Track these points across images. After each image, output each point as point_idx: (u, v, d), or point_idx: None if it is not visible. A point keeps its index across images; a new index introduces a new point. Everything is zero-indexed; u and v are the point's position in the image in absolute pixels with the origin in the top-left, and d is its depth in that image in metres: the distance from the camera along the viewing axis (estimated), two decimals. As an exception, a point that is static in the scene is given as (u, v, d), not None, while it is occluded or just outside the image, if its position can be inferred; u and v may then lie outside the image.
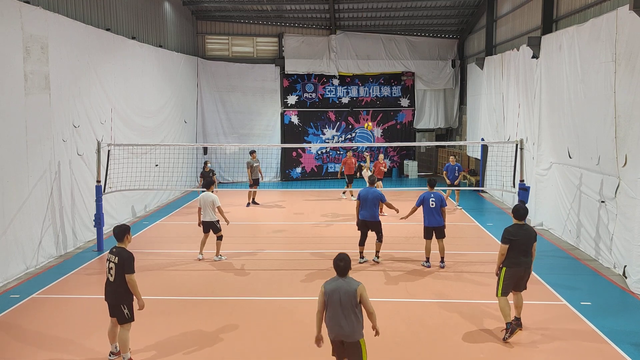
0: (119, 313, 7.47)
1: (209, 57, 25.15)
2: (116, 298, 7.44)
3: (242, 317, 9.30)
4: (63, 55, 13.16)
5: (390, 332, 8.63)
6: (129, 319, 7.53)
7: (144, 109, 18.26)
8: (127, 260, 7.41)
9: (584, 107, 12.83)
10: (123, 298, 7.45)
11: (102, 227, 13.64)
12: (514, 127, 17.83)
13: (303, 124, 25.74)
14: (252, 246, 13.91)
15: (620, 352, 7.92)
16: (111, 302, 7.52)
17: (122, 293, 7.43)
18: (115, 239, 7.68)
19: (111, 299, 7.51)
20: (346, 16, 24.67)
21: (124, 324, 7.52)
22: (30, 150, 11.90)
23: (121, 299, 7.44)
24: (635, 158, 10.54)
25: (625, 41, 10.91)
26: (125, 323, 7.52)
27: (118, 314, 7.48)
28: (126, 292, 7.44)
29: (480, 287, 10.78)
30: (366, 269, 11.89)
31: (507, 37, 19.61)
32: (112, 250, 7.59)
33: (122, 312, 7.46)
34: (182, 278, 11.40)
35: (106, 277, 7.56)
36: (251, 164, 18.75)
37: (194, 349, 8.12)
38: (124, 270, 7.37)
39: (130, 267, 7.42)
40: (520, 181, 12.83)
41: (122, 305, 7.45)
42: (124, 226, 7.74)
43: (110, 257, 7.52)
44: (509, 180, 13.93)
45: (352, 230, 15.60)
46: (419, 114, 26.26)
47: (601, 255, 12.14)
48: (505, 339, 8.27)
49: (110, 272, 7.47)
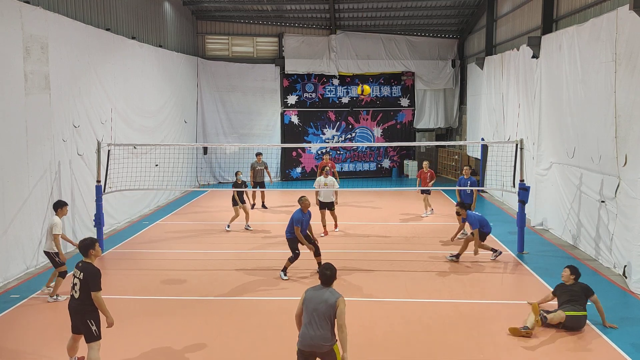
0: (86, 330, 7.00)
1: (209, 57, 25.14)
2: (82, 315, 6.98)
3: (242, 317, 9.30)
4: (63, 55, 13.16)
5: (390, 332, 8.63)
6: (97, 337, 7.05)
7: (144, 109, 18.26)
8: (92, 277, 6.96)
9: (584, 107, 12.83)
10: (89, 314, 7.00)
11: (102, 227, 13.63)
12: (514, 127, 17.83)
13: (303, 124, 25.74)
14: (252, 246, 13.92)
15: (620, 352, 7.93)
16: (76, 319, 7.08)
17: (88, 310, 6.99)
18: (80, 252, 7.27)
19: (76, 317, 7.07)
20: (346, 16, 24.67)
21: (92, 342, 7.03)
22: (30, 150, 11.90)
23: (87, 315, 6.99)
24: (635, 158, 10.54)
25: (626, 41, 10.91)
26: (93, 341, 7.03)
27: (85, 330, 7.01)
28: (93, 309, 7.01)
29: (480, 287, 10.78)
30: (366, 269, 11.88)
31: (507, 37, 19.61)
32: (77, 264, 7.18)
33: (89, 329, 7.00)
34: (181, 278, 11.39)
35: (70, 293, 7.14)
36: (254, 166, 18.66)
37: (194, 349, 8.12)
38: (89, 288, 6.93)
39: (96, 285, 6.95)
40: (520, 181, 12.83)
41: (89, 321, 6.99)
42: (88, 240, 7.29)
43: (75, 273, 7.10)
44: (509, 180, 13.93)
45: (352, 230, 15.62)
46: (419, 114, 26.26)
47: (601, 255, 12.14)
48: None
49: (74, 287, 7.04)
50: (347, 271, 11.66)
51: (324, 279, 6.47)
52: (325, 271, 6.49)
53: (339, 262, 12.02)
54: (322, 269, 6.54)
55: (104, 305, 7.01)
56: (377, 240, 14.49)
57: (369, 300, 10.10)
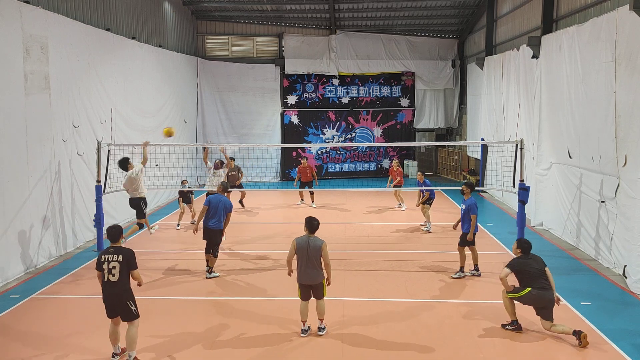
0: (126, 311, 7.50)
1: (209, 57, 25.14)
2: (122, 297, 7.46)
3: (242, 317, 9.30)
4: (63, 55, 13.16)
5: (390, 332, 8.64)
6: (136, 315, 7.58)
7: (143, 109, 18.26)
8: (131, 257, 7.56)
9: (584, 107, 12.83)
10: (129, 295, 7.53)
11: (102, 227, 13.62)
12: (514, 127, 17.83)
13: (303, 124, 25.74)
14: (252, 246, 13.92)
15: (620, 352, 7.93)
16: (115, 303, 7.48)
17: (128, 290, 7.52)
18: (110, 239, 7.73)
19: (115, 299, 7.47)
20: (346, 16, 24.67)
21: (133, 320, 7.56)
22: (30, 150, 11.90)
23: (127, 296, 7.51)
24: (635, 158, 10.54)
25: (626, 41, 10.91)
26: (133, 319, 7.56)
27: (125, 312, 7.50)
28: (130, 290, 7.54)
29: (480, 286, 10.78)
30: (366, 269, 11.89)
31: (507, 37, 19.61)
32: (108, 251, 7.56)
33: (129, 309, 7.50)
34: (181, 278, 11.39)
35: (104, 278, 7.48)
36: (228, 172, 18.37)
37: (194, 349, 8.12)
38: (130, 267, 7.50)
39: (136, 263, 7.61)
40: (520, 181, 12.82)
41: (129, 302, 7.50)
42: (117, 226, 7.83)
43: (109, 258, 7.47)
44: (509, 180, 13.92)
45: (352, 230, 15.62)
46: (419, 114, 26.26)
47: (601, 255, 12.14)
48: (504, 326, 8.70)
49: (111, 272, 7.41)
50: (347, 271, 11.65)
51: (311, 227, 8.44)
52: (313, 221, 8.49)
53: (339, 262, 12.05)
54: (309, 219, 8.50)
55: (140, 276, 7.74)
56: (377, 240, 14.49)
57: (369, 300, 10.10)
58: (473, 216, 11.15)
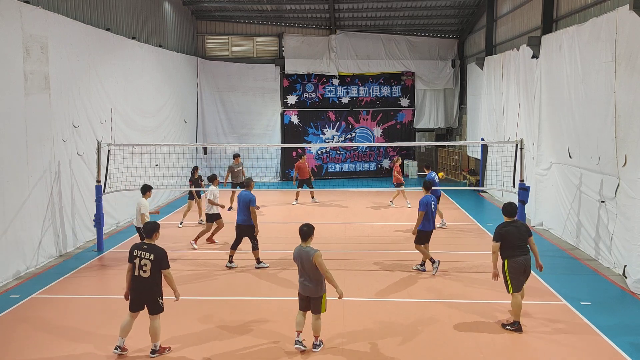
0: (154, 304, 7.76)
1: (209, 57, 25.15)
2: (152, 293, 7.72)
3: (242, 317, 9.30)
4: (63, 55, 13.16)
5: (390, 332, 8.63)
6: (161, 309, 7.83)
7: (143, 109, 18.26)
8: (163, 257, 7.72)
9: (584, 107, 12.83)
10: (159, 291, 7.80)
11: (102, 227, 13.64)
12: (514, 127, 17.83)
13: (303, 124, 25.74)
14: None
15: (620, 352, 7.93)
16: (144, 297, 7.73)
17: (158, 286, 7.77)
18: (145, 235, 7.90)
19: (145, 295, 7.72)
20: (346, 16, 24.67)
21: (157, 313, 7.81)
22: (30, 150, 11.90)
23: (157, 292, 7.78)
24: (635, 158, 10.54)
25: (625, 41, 10.91)
26: (158, 313, 7.82)
27: (152, 305, 7.75)
28: (160, 285, 7.80)
29: (480, 286, 10.78)
30: (366, 269, 11.88)
31: (507, 37, 19.61)
32: (142, 247, 7.73)
33: (157, 304, 7.78)
34: (181, 278, 11.38)
35: (134, 273, 7.66)
36: (233, 168, 18.58)
37: (194, 349, 8.11)
38: (161, 267, 7.69)
39: (167, 263, 7.77)
40: (520, 181, 12.83)
41: (158, 297, 7.79)
42: (153, 223, 7.95)
43: (141, 254, 7.66)
44: (509, 180, 13.94)
45: (352, 230, 15.62)
46: (419, 114, 26.26)
47: (601, 255, 12.14)
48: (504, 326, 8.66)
49: (143, 268, 7.62)
50: (347, 271, 11.66)
51: (301, 234, 7.84)
52: (303, 227, 7.86)
53: (339, 262, 12.06)
54: (301, 226, 7.85)
55: (174, 280, 7.87)
56: (377, 240, 14.49)
57: (369, 300, 10.10)
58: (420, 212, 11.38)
